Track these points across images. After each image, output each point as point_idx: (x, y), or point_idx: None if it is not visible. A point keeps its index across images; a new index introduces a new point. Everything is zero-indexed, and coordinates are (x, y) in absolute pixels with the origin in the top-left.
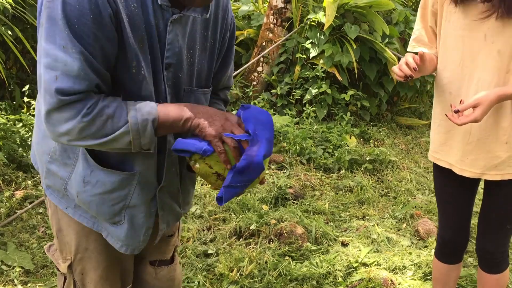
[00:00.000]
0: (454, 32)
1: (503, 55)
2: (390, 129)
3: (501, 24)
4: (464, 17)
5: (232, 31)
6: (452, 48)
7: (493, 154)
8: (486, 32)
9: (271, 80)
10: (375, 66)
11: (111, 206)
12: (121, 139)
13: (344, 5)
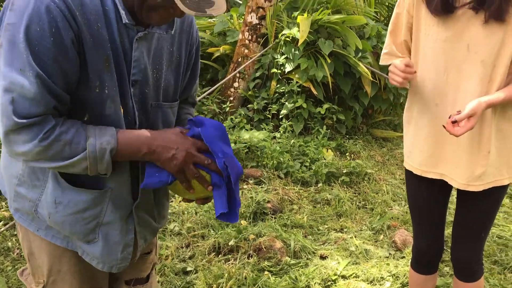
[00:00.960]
0: (434, 45)
1: (487, 64)
2: (366, 142)
3: (485, 33)
4: (445, 29)
5: (197, 45)
6: (434, 60)
7: (477, 164)
8: (469, 43)
9: (247, 95)
10: (349, 80)
11: (85, 225)
12: (78, 164)
13: (317, 21)
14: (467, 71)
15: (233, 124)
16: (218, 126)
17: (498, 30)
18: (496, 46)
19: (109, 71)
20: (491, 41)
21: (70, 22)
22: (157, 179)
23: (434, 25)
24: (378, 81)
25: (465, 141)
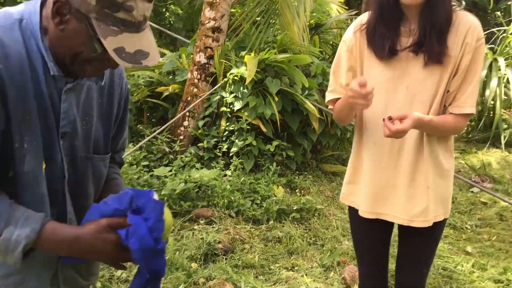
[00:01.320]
0: (376, 85)
1: (424, 103)
2: (315, 177)
3: (423, 75)
4: (386, 71)
5: (127, 96)
6: (375, 101)
7: (418, 200)
8: (409, 84)
9: (197, 134)
10: (297, 117)
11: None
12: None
13: (264, 60)
14: (405, 111)
15: (183, 163)
16: (156, 220)
17: (436, 72)
18: (434, 87)
19: (30, 125)
20: (429, 82)
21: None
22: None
23: (376, 66)
24: (325, 118)
25: (405, 177)
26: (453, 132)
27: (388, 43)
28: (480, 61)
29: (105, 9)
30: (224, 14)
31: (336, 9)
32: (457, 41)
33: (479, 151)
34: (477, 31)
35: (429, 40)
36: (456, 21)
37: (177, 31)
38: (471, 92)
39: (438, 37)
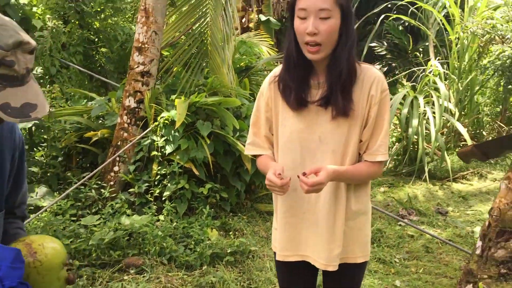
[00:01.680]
0: (291, 135)
1: (337, 154)
2: (250, 217)
3: (333, 127)
4: (299, 121)
5: (22, 149)
6: (291, 150)
7: (334, 245)
8: (320, 134)
9: (128, 179)
10: (230, 158)
11: None
12: None
13: (195, 103)
14: (320, 160)
15: (114, 210)
16: (7, 267)
17: (343, 124)
18: (343, 137)
19: None
20: (339, 133)
21: None
22: None
23: (291, 117)
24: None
25: (323, 222)
26: (369, 178)
27: (297, 95)
28: (387, 111)
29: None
30: (154, 58)
31: (266, 51)
32: (362, 94)
33: (406, 184)
34: (381, 83)
35: (335, 95)
36: (361, 75)
37: (109, 73)
38: (381, 141)
39: (343, 92)
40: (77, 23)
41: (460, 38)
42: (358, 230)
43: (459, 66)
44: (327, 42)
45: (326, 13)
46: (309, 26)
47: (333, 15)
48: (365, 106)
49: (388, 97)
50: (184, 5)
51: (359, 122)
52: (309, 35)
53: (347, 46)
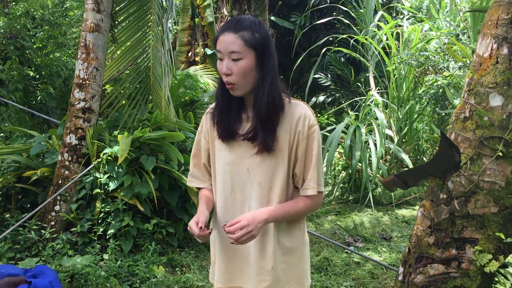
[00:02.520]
0: (223, 167)
1: (263, 186)
2: (198, 251)
3: (260, 159)
4: (230, 153)
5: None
6: (223, 181)
7: (263, 279)
8: (249, 166)
9: (70, 218)
10: (176, 192)
11: None
12: None
13: (139, 138)
14: (248, 192)
15: (55, 251)
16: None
17: (269, 158)
18: (270, 171)
19: None
20: (265, 167)
21: None
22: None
23: (223, 149)
24: None
25: (253, 256)
26: (305, 213)
27: (227, 127)
28: (316, 146)
29: None
30: (95, 94)
31: (212, 84)
32: (290, 130)
33: (352, 211)
34: (308, 119)
35: (259, 131)
36: (289, 111)
37: (51, 110)
38: (311, 175)
39: (265, 128)
40: (17, 60)
41: (397, 69)
42: (294, 265)
43: (398, 95)
44: (241, 81)
45: (237, 55)
46: (223, 67)
47: (244, 56)
48: (293, 141)
49: (316, 133)
50: (128, 40)
51: (285, 157)
52: (224, 75)
53: (265, 84)
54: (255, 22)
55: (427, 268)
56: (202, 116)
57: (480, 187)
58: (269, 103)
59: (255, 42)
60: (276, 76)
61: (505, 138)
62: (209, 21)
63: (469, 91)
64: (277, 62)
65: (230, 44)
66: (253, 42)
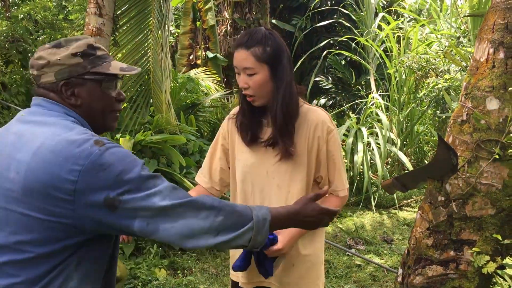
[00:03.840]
0: (243, 169)
1: (282, 188)
2: (199, 254)
3: (278, 164)
4: (251, 156)
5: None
6: (243, 181)
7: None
8: (267, 170)
9: None
10: None
11: None
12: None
13: (140, 141)
14: (268, 194)
15: None
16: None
17: (288, 162)
18: (287, 175)
19: None
20: (283, 170)
21: None
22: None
23: (244, 151)
24: None
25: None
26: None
27: (249, 132)
28: (336, 149)
29: (90, 57)
30: None
31: (214, 87)
32: (308, 136)
33: (353, 214)
34: (326, 125)
35: (278, 138)
36: (306, 117)
37: None
38: (338, 178)
39: (283, 135)
40: (19, 63)
41: (398, 71)
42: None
43: (399, 98)
44: (259, 93)
45: (251, 71)
46: (240, 82)
47: (258, 71)
48: (312, 146)
49: (336, 136)
50: (129, 43)
51: (304, 162)
52: (243, 89)
53: (279, 94)
54: (266, 35)
55: (426, 270)
56: (224, 121)
57: (477, 190)
58: (284, 112)
59: (267, 57)
60: (290, 85)
61: (502, 141)
62: (211, 24)
63: (466, 95)
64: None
65: (243, 61)
66: (265, 57)
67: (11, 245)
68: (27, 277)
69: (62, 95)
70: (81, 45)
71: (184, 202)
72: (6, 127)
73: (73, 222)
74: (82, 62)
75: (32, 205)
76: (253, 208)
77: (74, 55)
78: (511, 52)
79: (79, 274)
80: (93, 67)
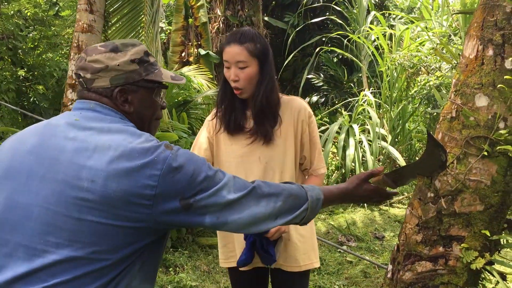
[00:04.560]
0: (235, 160)
1: (275, 171)
2: (191, 252)
3: (270, 148)
4: (240, 147)
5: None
6: (236, 172)
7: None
8: (260, 155)
9: None
10: None
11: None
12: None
13: None
14: (262, 178)
15: None
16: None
17: (277, 146)
18: (280, 157)
19: None
20: (275, 154)
21: None
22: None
23: (234, 143)
24: None
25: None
26: None
27: (232, 121)
28: (316, 131)
29: (144, 64)
30: None
31: (206, 84)
32: (293, 120)
33: (345, 211)
34: (307, 110)
35: (262, 128)
36: (289, 104)
37: (43, 110)
38: (319, 157)
39: (266, 123)
40: (9, 60)
41: (390, 69)
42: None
43: (390, 95)
44: (247, 86)
45: (243, 64)
46: (231, 75)
47: (249, 64)
48: (297, 129)
49: (314, 120)
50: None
51: (292, 144)
52: (232, 81)
53: (262, 86)
54: (256, 34)
55: (415, 266)
56: (206, 121)
57: (466, 186)
58: (265, 100)
59: (258, 52)
60: (273, 79)
61: (490, 138)
62: (203, 21)
63: (455, 92)
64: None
65: (236, 55)
66: (256, 52)
67: (88, 255)
68: (100, 283)
69: (116, 101)
70: (139, 51)
71: (247, 192)
72: (53, 132)
73: (147, 225)
74: (138, 69)
75: (110, 213)
76: (307, 188)
77: (133, 62)
78: (500, 49)
79: (142, 274)
80: (147, 75)
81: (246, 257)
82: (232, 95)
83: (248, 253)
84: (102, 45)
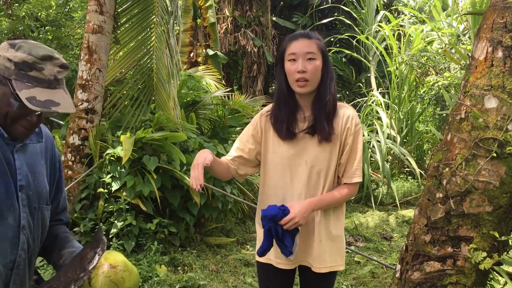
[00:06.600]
0: (282, 161)
1: (320, 175)
2: (200, 251)
3: (318, 151)
4: (289, 149)
5: (59, 160)
6: (282, 172)
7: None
8: (307, 159)
9: (73, 217)
10: (178, 192)
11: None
12: None
13: (141, 139)
14: (306, 181)
15: None
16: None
17: (326, 148)
18: (326, 161)
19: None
20: (322, 157)
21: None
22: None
23: (282, 145)
24: (205, 191)
25: (303, 234)
26: (345, 199)
27: (287, 127)
28: (360, 141)
29: (21, 71)
30: (98, 95)
31: (214, 85)
32: (341, 125)
33: (353, 211)
34: (355, 119)
35: (320, 123)
36: (340, 110)
37: None
38: (357, 166)
39: (327, 121)
40: None
41: (399, 69)
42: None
43: (399, 95)
44: (313, 78)
45: (312, 55)
46: (299, 66)
47: (316, 57)
48: (343, 135)
49: (361, 130)
50: (131, 41)
51: (337, 149)
52: (299, 73)
53: (328, 83)
54: (318, 34)
55: (424, 266)
56: (255, 117)
57: (475, 187)
58: (330, 100)
59: (323, 48)
60: (334, 78)
61: (500, 139)
62: (211, 22)
63: (464, 93)
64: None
65: (305, 47)
66: (322, 48)
67: None
68: None
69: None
70: (30, 59)
71: None
72: None
73: None
74: (12, 69)
75: None
76: None
77: (10, 61)
78: (510, 51)
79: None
80: (16, 80)
81: (264, 247)
82: (289, 98)
83: (265, 242)
84: (10, 42)
